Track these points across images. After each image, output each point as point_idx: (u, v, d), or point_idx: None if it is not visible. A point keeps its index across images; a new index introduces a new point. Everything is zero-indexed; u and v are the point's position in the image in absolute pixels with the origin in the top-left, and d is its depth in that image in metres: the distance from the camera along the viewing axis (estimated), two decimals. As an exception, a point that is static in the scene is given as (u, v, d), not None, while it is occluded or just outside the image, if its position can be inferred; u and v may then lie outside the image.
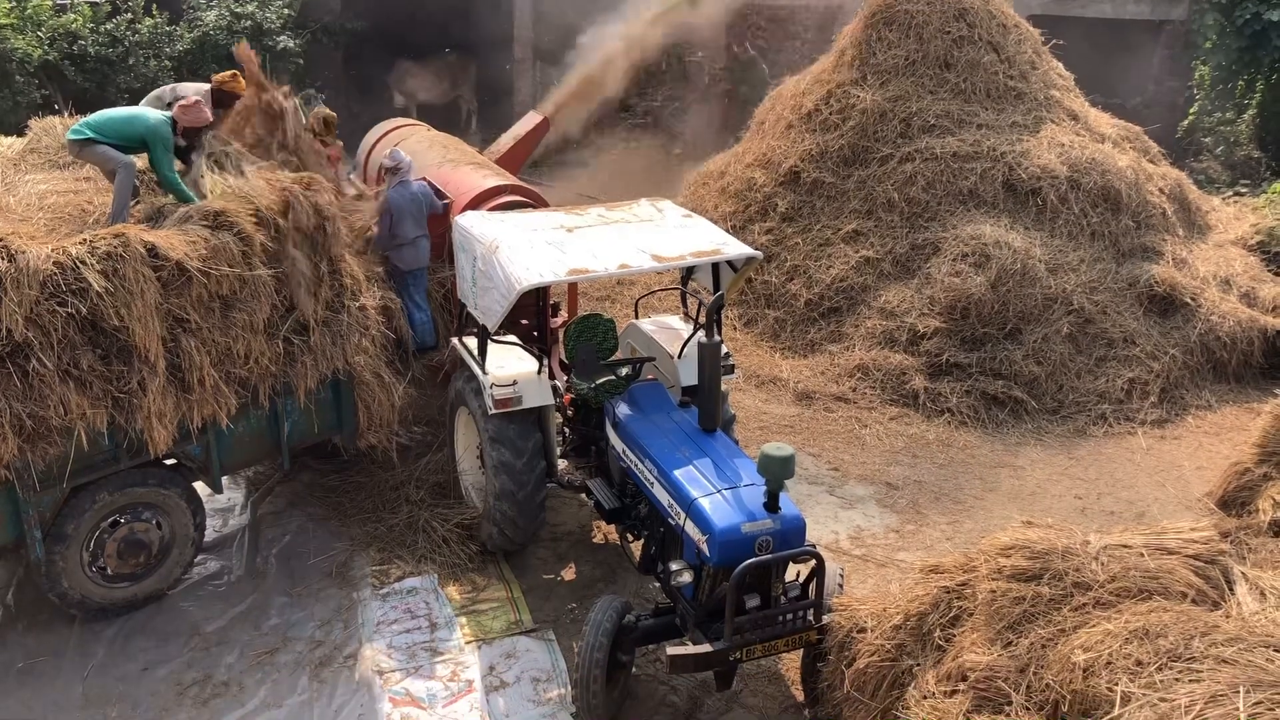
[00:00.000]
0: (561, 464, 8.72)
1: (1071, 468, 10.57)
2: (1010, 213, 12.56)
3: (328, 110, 10.85)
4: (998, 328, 11.78)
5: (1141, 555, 5.59)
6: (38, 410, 6.83)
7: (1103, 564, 5.51)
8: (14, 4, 16.44)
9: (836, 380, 11.77)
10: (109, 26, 16.79)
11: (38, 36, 16.18)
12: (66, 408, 6.93)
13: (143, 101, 9.28)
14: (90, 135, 7.91)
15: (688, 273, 8.99)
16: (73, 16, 16.69)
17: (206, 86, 9.02)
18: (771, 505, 6.64)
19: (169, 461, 8.01)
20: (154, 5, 17.72)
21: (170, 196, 8.06)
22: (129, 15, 17.08)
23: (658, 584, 7.70)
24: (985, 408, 11.38)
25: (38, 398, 6.82)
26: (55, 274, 6.83)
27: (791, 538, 6.66)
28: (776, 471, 6.48)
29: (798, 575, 6.91)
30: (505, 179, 10.62)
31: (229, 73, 9.06)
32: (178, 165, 8.11)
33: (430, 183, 10.11)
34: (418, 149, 11.29)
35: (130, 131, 7.97)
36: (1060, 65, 14.68)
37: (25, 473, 7.05)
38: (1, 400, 6.68)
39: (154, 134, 7.94)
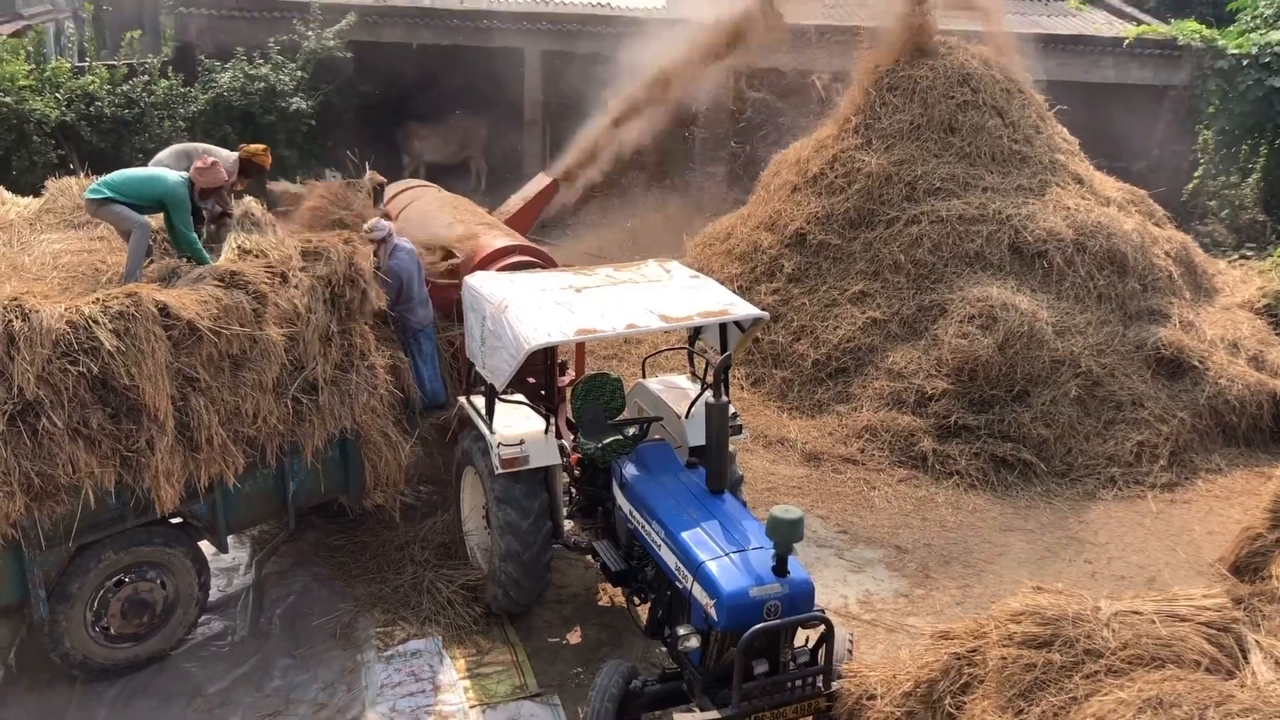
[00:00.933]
0: (568, 525, 8.68)
1: (1081, 531, 10.50)
2: (1017, 275, 12.61)
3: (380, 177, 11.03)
4: (1006, 390, 11.76)
5: (1153, 622, 5.54)
6: (46, 469, 6.84)
7: (1114, 631, 5.46)
8: (34, 67, 16.75)
9: (844, 441, 11.74)
10: (125, 88, 17.08)
11: (56, 98, 16.46)
12: (75, 466, 6.95)
13: (165, 154, 9.37)
14: (108, 195, 8.01)
15: (695, 333, 9.02)
16: (90, 78, 16.99)
17: (235, 155, 9.17)
18: (780, 569, 6.60)
19: (175, 520, 7.99)
20: (169, 67, 18.04)
21: (185, 256, 8.15)
22: (145, 77, 17.38)
23: (664, 649, 7.62)
24: (994, 470, 11.33)
25: (47, 456, 6.84)
26: (68, 333, 6.89)
27: (800, 602, 6.61)
28: (785, 534, 6.45)
29: (806, 640, 6.85)
30: (514, 239, 10.71)
31: (260, 146, 9.25)
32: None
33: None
34: (429, 209, 11.41)
35: (149, 192, 8.07)
36: (1064, 129, 14.81)
37: (32, 531, 7.04)
38: (11, 458, 6.70)
39: (172, 195, 8.05)
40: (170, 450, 7.35)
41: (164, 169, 8.64)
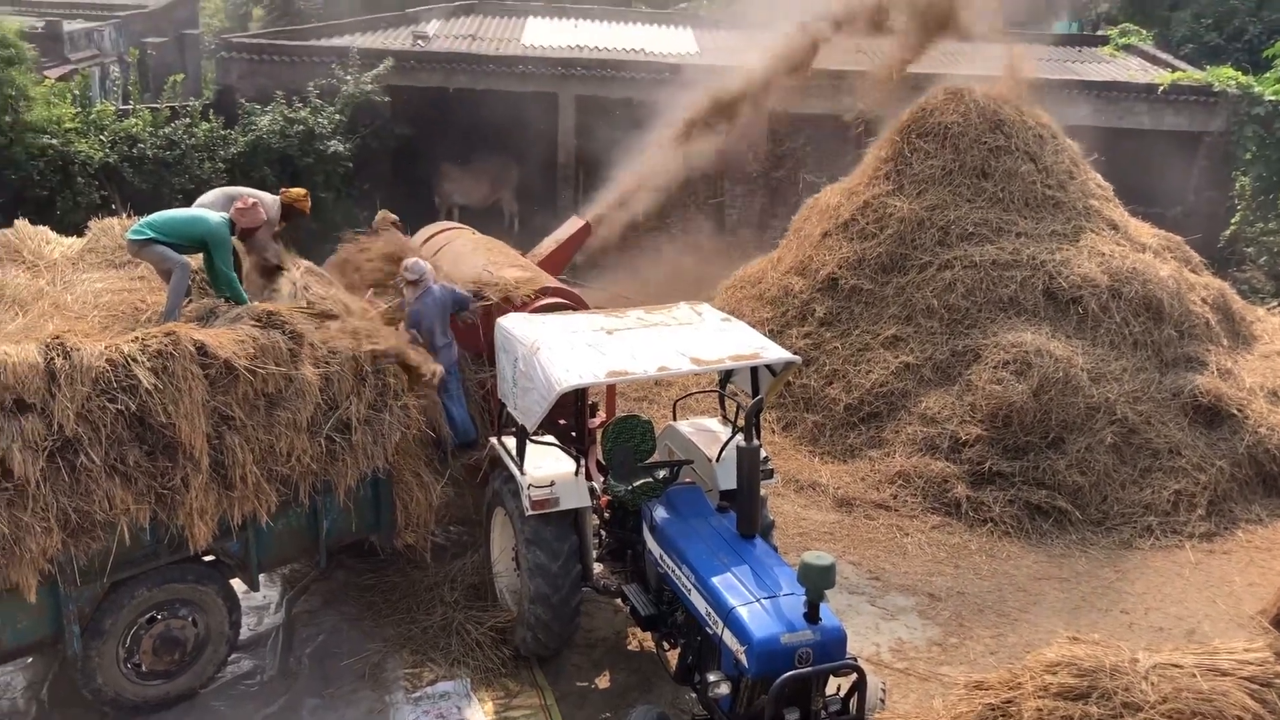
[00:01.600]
0: (597, 568, 8.64)
1: (1118, 581, 10.34)
2: (1051, 321, 12.53)
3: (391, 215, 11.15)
4: (1040, 436, 11.65)
5: (1194, 675, 5.44)
6: (83, 505, 6.93)
7: (1153, 684, 5.36)
8: (80, 110, 17.11)
9: (877, 487, 11.65)
10: (167, 130, 17.39)
11: (100, 140, 16.79)
12: (111, 502, 7.03)
13: (209, 196, 9.53)
14: (150, 235, 8.15)
15: (726, 376, 9.01)
16: (133, 121, 17.32)
17: (277, 199, 9.33)
18: (812, 616, 6.54)
19: (208, 558, 8.05)
20: (210, 110, 18.38)
21: (224, 296, 8.26)
22: (187, 120, 17.70)
23: (694, 695, 7.55)
24: (1029, 517, 11.20)
25: (84, 492, 6.93)
26: (107, 371, 6.99)
27: (832, 649, 6.54)
28: (817, 581, 6.40)
29: (838, 689, 6.76)
30: (547, 281, 10.77)
31: (301, 191, 9.42)
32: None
33: (453, 288, 10.24)
34: (462, 251, 11.50)
35: (191, 232, 8.21)
36: (1098, 175, 14.78)
37: (67, 567, 7.10)
38: (49, 494, 6.79)
39: (214, 234, 8.19)
40: (205, 488, 7.41)
41: (206, 210, 8.79)
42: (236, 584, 8.34)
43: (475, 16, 24.03)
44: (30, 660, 8.25)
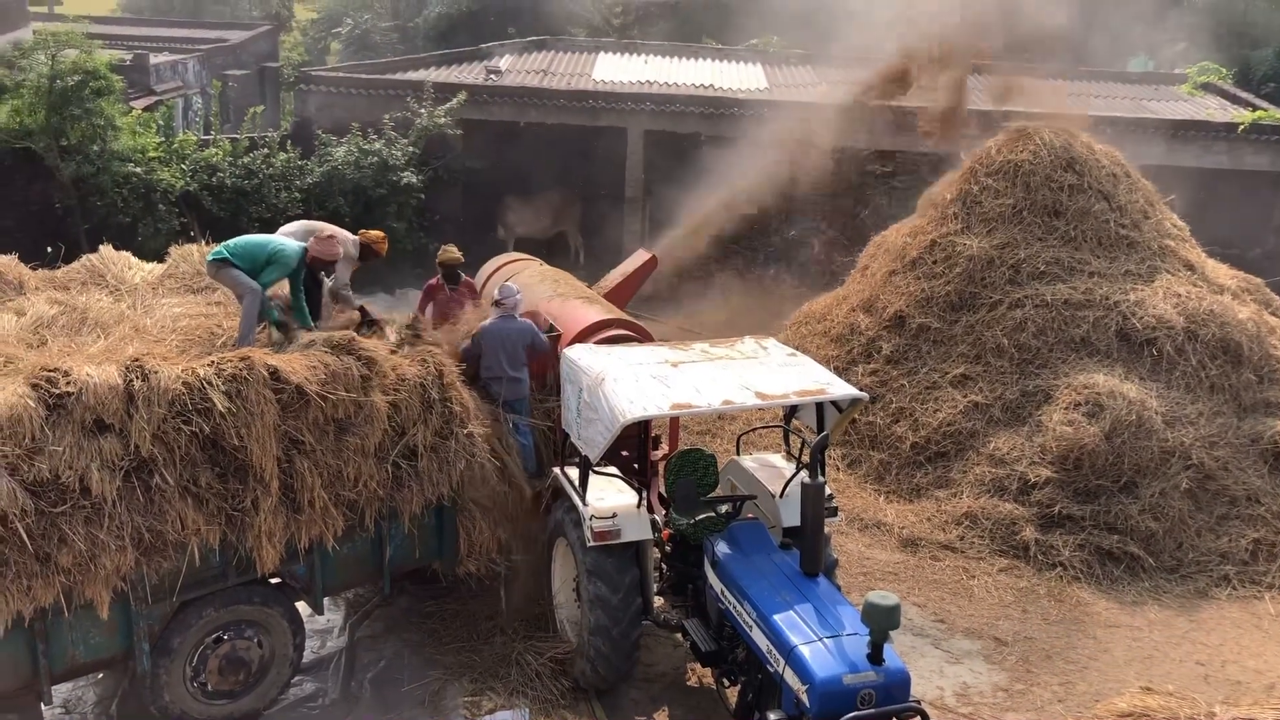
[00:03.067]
0: (658, 601, 8.62)
1: (1192, 631, 10.04)
2: (1124, 362, 12.28)
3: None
4: (1112, 480, 11.39)
5: (1275, 732, 5.25)
6: (156, 524, 7.08)
7: (1232, 739, 5.18)
8: (163, 139, 17.65)
9: (943, 527, 11.47)
10: (246, 160, 17.87)
11: (181, 169, 17.29)
12: (183, 523, 7.17)
13: (291, 227, 9.74)
14: (225, 257, 8.35)
15: (791, 411, 8.96)
16: (214, 150, 17.83)
17: (355, 238, 9.54)
18: (875, 656, 6.45)
19: (274, 580, 8.15)
20: (288, 141, 18.83)
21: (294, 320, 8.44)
22: (265, 150, 18.16)
23: (754, 733, 7.46)
24: (1099, 563, 10.94)
25: (157, 512, 7.08)
26: (183, 394, 7.15)
27: (895, 692, 6.44)
28: (881, 621, 6.32)
29: (901, 732, 6.63)
30: (612, 313, 10.82)
31: (379, 233, 9.64)
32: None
33: (539, 318, 10.24)
34: (529, 282, 11.60)
35: (260, 255, 8.38)
36: (1174, 215, 14.50)
37: (139, 585, 7.25)
38: (124, 513, 6.94)
39: (277, 254, 8.34)
40: (274, 511, 7.53)
41: (283, 237, 8.97)
42: (301, 607, 8.43)
43: (547, 52, 24.38)
44: (101, 676, 8.42)
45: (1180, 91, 23.76)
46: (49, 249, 10.34)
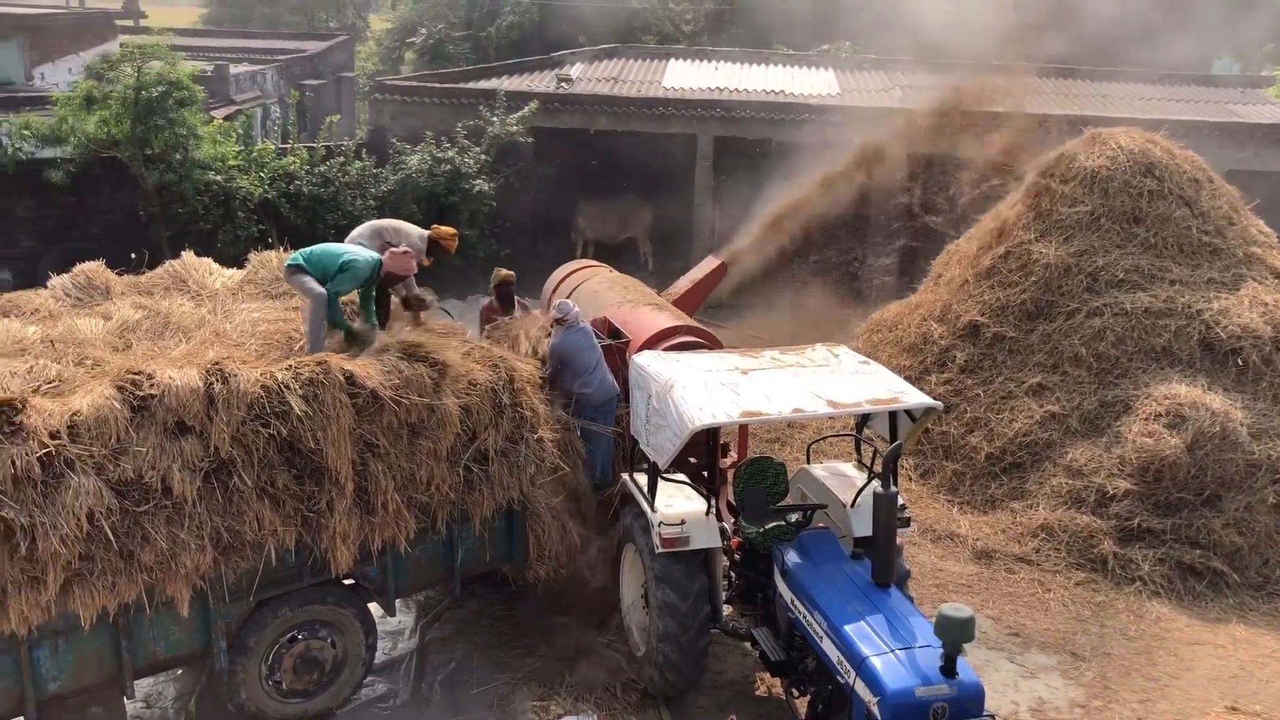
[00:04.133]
0: (726, 609, 8.58)
1: (1280, 650, 9.74)
2: (1208, 373, 11.95)
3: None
4: (1195, 493, 11.08)
5: (1370, 757, 5.06)
6: (235, 525, 7.23)
7: (1324, 763, 5.00)
8: (242, 148, 18.07)
9: (1018, 539, 11.25)
10: (322, 168, 18.20)
11: (260, 176, 17.67)
12: (261, 523, 7.31)
13: (360, 230, 9.85)
14: (299, 263, 8.48)
15: (863, 420, 8.87)
16: (291, 159, 18.20)
17: (426, 232, 9.62)
18: (948, 669, 6.35)
19: (348, 581, 8.27)
20: (363, 149, 19.15)
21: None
22: (341, 158, 18.49)
23: (823, 744, 7.38)
24: (1181, 578, 10.65)
25: (236, 513, 7.23)
26: (261, 397, 7.29)
27: (969, 705, 6.34)
28: (955, 634, 6.22)
29: (974, 746, 6.52)
30: (681, 320, 10.80)
31: (450, 230, 9.71)
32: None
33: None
34: (599, 289, 11.65)
35: (331, 264, 8.46)
36: (1261, 221, 14.07)
37: (217, 584, 7.40)
38: (204, 513, 7.10)
39: (349, 265, 8.40)
40: (348, 513, 7.65)
41: (357, 248, 9.04)
42: (374, 608, 8.54)
43: (618, 60, 24.49)
44: (180, 672, 8.61)
45: (1268, 94, 23.11)
46: (133, 255, 10.61)
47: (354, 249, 8.87)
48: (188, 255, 10.26)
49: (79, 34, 23.76)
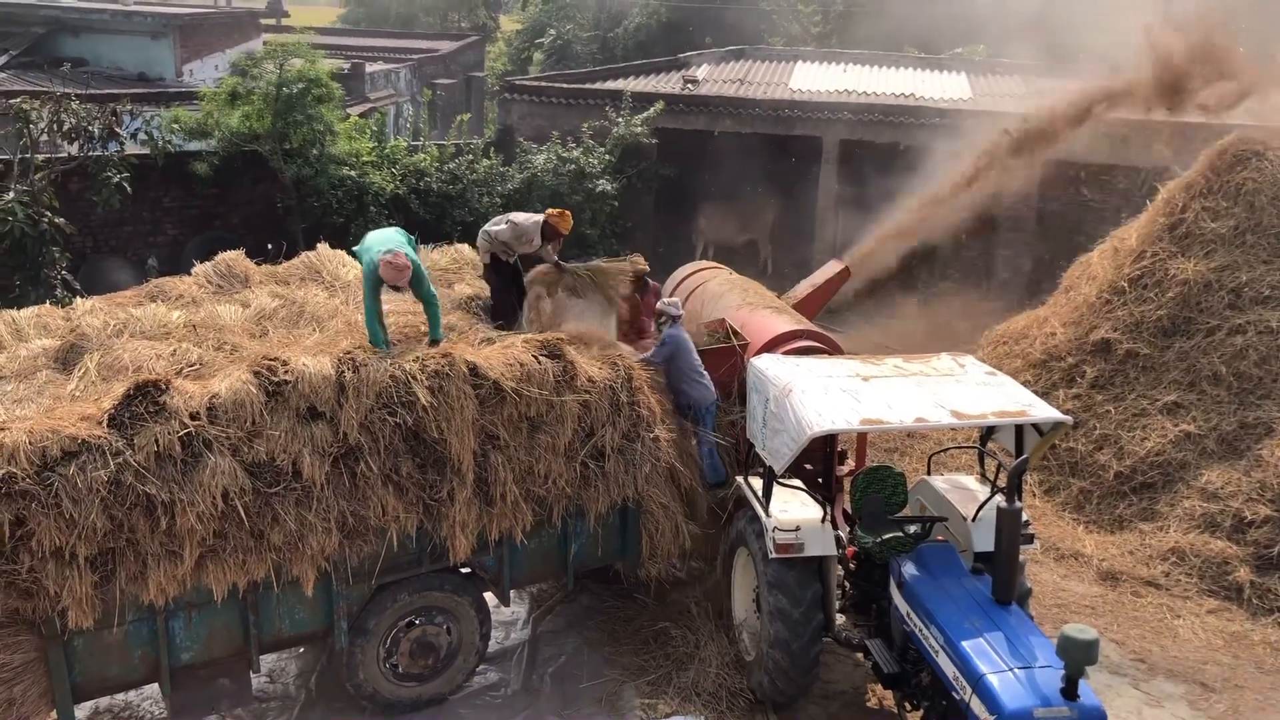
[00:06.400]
0: (840, 619, 8.47)
1: None
2: (1360, 397, 11.33)
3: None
4: (1343, 523, 10.51)
5: None
6: (360, 509, 7.46)
7: None
8: (375, 145, 18.58)
9: (1147, 562, 10.83)
10: (451, 166, 18.58)
11: (392, 173, 18.14)
12: (384, 509, 7.53)
13: (494, 226, 9.94)
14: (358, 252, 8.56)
15: (987, 432, 8.65)
16: (422, 156, 18.63)
17: (540, 217, 9.72)
18: (1069, 692, 6.17)
19: (464, 570, 8.43)
20: (491, 148, 19.50)
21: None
22: (469, 156, 18.85)
23: (935, 761, 7.23)
24: (1324, 612, 10.12)
25: (361, 498, 7.46)
26: (390, 386, 7.50)
27: (1091, 731, 6.12)
28: (1078, 656, 6.03)
29: (1095, 774, 6.30)
30: (801, 324, 10.70)
31: (560, 211, 9.77)
32: None
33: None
34: (719, 291, 11.62)
35: (363, 257, 8.39)
36: None
37: (341, 566, 7.63)
38: (332, 498, 7.34)
39: (365, 266, 8.29)
40: (468, 502, 7.81)
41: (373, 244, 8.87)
42: (489, 598, 8.69)
43: (745, 61, 24.39)
44: (303, 650, 8.91)
45: None
46: (270, 245, 10.98)
47: (376, 244, 8.52)
48: (322, 247, 10.60)
49: (226, 32, 24.78)
